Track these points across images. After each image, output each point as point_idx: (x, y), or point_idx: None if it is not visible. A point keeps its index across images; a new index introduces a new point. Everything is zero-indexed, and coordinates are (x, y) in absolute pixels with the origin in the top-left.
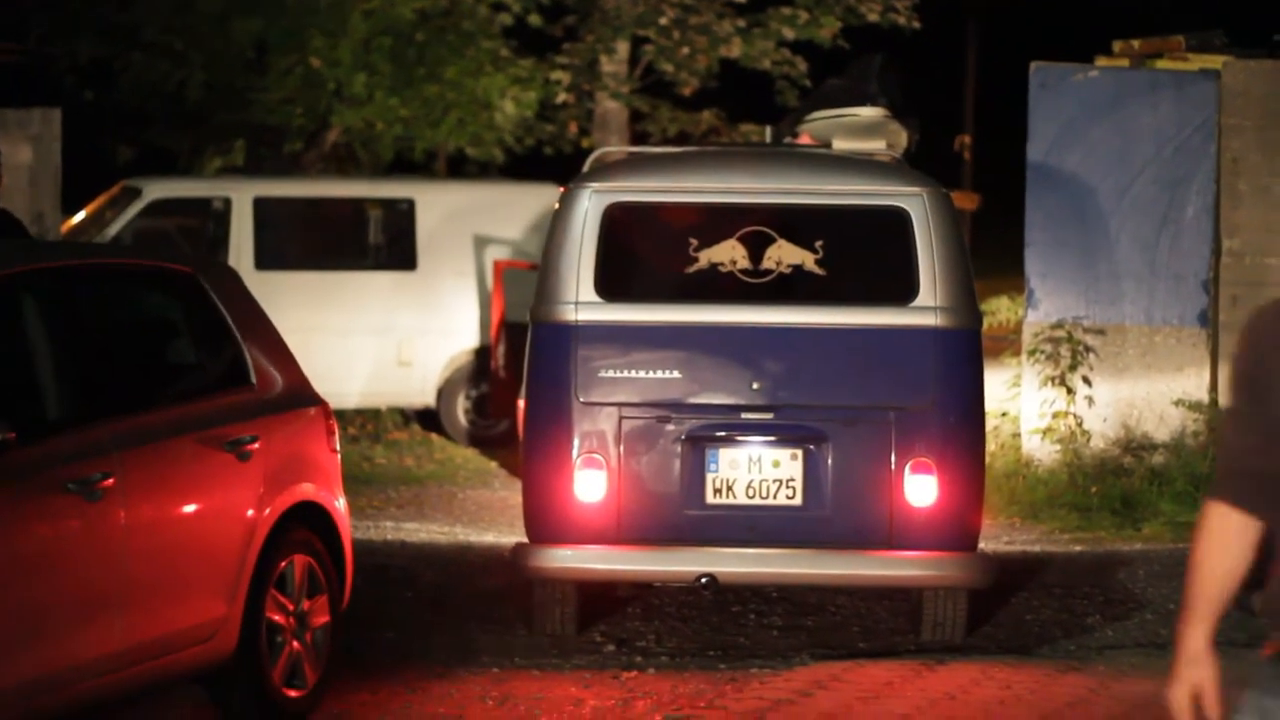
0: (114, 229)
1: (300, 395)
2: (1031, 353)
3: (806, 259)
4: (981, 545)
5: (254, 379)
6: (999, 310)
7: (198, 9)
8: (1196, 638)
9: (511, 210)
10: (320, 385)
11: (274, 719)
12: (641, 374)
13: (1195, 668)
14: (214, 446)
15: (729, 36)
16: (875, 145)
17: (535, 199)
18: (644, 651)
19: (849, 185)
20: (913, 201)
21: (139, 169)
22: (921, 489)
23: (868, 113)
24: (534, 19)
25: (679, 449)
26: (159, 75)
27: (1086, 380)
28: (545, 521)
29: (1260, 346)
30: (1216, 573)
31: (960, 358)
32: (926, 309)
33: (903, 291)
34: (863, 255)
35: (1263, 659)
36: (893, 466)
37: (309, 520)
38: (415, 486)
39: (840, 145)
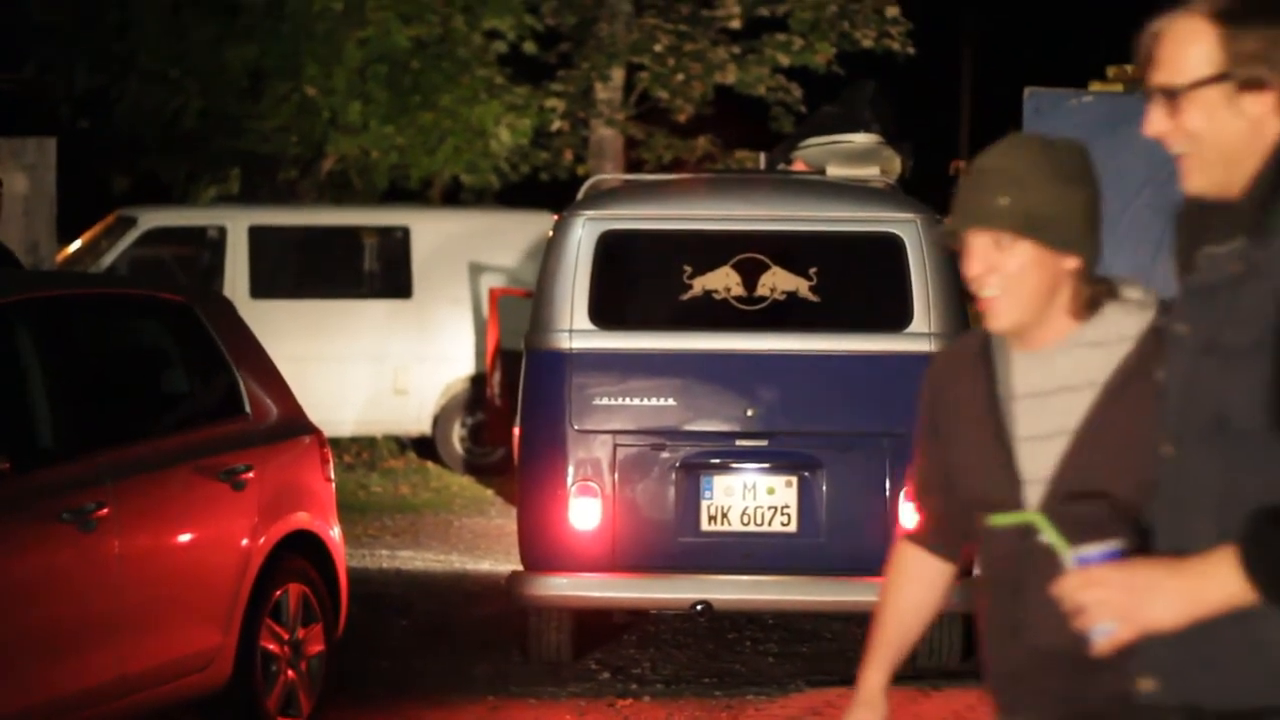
0: (109, 258)
1: (295, 424)
2: None
3: (801, 286)
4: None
5: (248, 408)
6: None
7: (193, 37)
8: (872, 679)
9: (506, 238)
10: (316, 413)
11: None
12: (636, 401)
13: (864, 709)
14: (208, 476)
15: (724, 63)
16: (869, 172)
17: (530, 227)
18: (639, 679)
19: (843, 212)
20: (906, 228)
21: (134, 198)
22: (916, 515)
23: (861, 139)
24: (529, 46)
25: (674, 476)
26: (154, 103)
27: None
28: (540, 549)
29: (934, 389)
30: (898, 613)
31: None
32: (920, 335)
33: (897, 318)
34: (857, 282)
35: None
36: (887, 492)
37: (304, 549)
38: (411, 514)
39: (834, 172)
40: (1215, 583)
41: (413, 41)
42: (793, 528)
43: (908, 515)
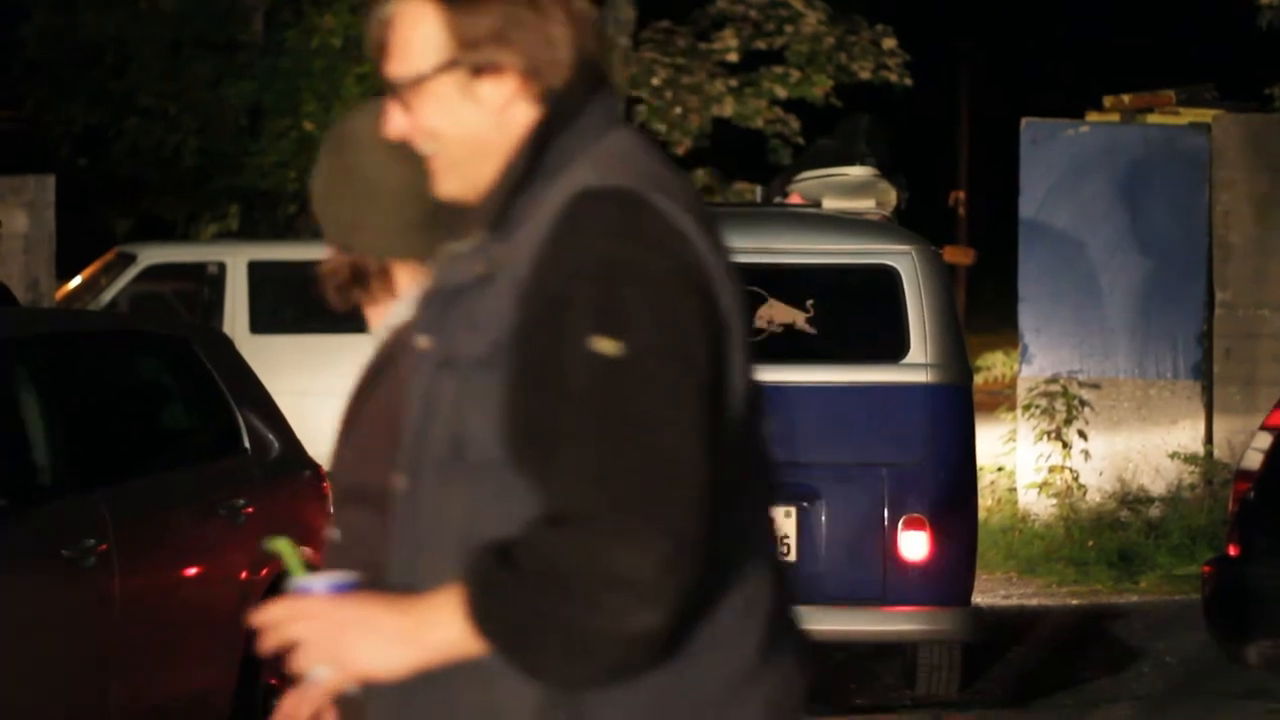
0: (109, 295)
1: (294, 460)
2: (1026, 407)
3: (798, 318)
4: (976, 599)
5: (247, 444)
6: (994, 365)
7: (191, 74)
8: None
9: None
10: (317, 448)
11: None
12: None
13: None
14: (208, 512)
15: (721, 96)
16: (864, 204)
17: None
18: None
19: (839, 244)
20: (902, 260)
21: (136, 237)
22: (914, 544)
23: (857, 172)
24: None
25: None
26: (153, 140)
27: (1082, 434)
28: None
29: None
30: None
31: (951, 413)
32: (917, 366)
33: (893, 349)
34: (853, 313)
35: None
36: (885, 522)
37: None
38: None
39: (830, 205)
40: (438, 625)
41: None
42: (792, 557)
43: (908, 543)
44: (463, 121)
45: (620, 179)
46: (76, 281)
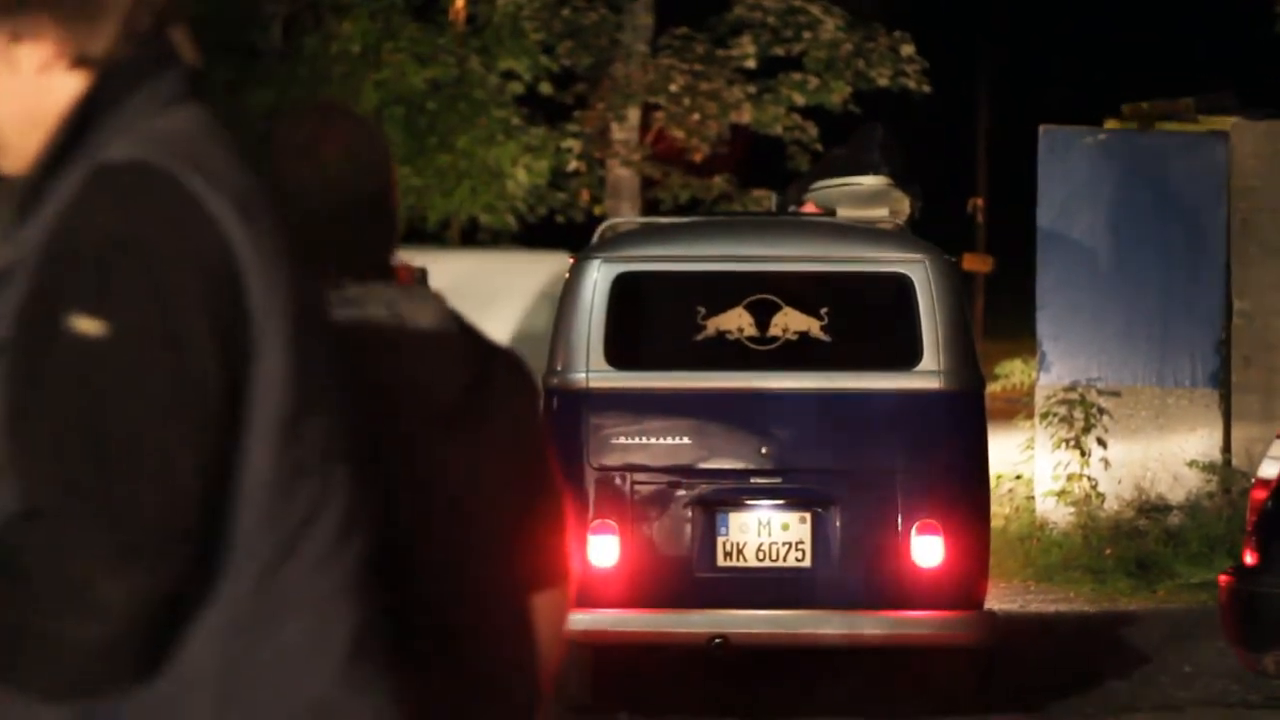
0: None
1: None
2: (1045, 415)
3: (812, 326)
4: (993, 607)
5: None
6: (1013, 373)
7: (210, 80)
8: None
9: (523, 279)
10: None
11: None
12: (652, 440)
13: None
14: None
15: (739, 102)
16: (878, 213)
17: (548, 267)
18: (659, 715)
19: (853, 253)
20: (915, 268)
21: None
22: (928, 549)
23: (870, 181)
24: (545, 87)
25: (690, 513)
26: None
27: (1100, 442)
28: None
29: None
30: None
31: (964, 420)
32: (930, 373)
33: (907, 356)
34: (867, 321)
35: None
36: (899, 528)
37: None
38: None
39: (844, 214)
40: None
41: (429, 83)
42: (807, 563)
43: (921, 549)
44: (5, 90)
45: (145, 154)
46: None
